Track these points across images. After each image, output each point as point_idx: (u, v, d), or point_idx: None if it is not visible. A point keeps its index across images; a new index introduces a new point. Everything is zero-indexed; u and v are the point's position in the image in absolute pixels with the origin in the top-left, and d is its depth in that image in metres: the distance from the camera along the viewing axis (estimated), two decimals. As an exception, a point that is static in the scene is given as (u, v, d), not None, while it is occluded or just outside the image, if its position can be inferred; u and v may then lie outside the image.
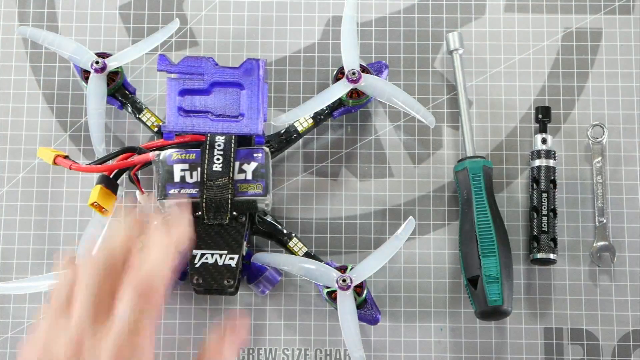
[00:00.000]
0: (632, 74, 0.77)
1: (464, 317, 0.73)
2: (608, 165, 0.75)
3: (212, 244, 0.66)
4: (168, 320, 0.73)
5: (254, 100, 0.69)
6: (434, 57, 0.77)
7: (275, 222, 0.71)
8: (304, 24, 0.78)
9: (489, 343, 0.72)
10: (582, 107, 0.76)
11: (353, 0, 0.73)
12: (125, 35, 0.77)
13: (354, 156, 0.75)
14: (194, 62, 0.70)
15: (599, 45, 0.77)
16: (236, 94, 0.70)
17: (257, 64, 0.70)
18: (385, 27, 0.77)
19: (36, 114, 0.76)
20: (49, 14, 0.77)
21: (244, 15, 0.78)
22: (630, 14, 0.78)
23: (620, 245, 0.73)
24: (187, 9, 0.78)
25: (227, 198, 0.65)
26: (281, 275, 0.70)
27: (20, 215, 0.74)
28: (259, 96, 0.69)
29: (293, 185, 0.74)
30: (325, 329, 0.72)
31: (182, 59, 0.70)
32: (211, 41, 0.77)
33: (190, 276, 0.66)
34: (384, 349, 0.72)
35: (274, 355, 0.72)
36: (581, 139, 0.75)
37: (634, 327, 0.72)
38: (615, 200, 0.74)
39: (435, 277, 0.73)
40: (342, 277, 0.67)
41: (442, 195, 0.75)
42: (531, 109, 0.76)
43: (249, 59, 0.70)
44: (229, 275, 0.66)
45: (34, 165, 0.75)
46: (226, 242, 0.66)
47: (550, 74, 0.77)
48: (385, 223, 0.74)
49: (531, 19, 0.78)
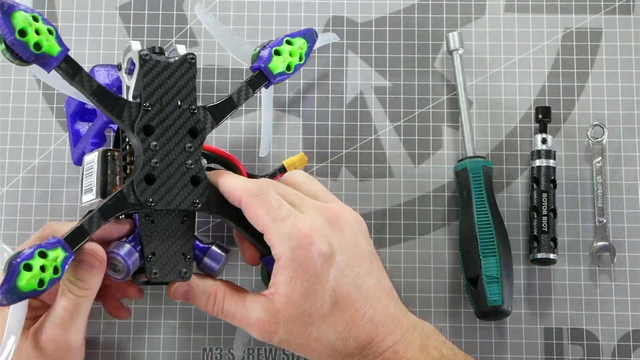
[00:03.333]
0: (632, 74, 0.77)
1: (464, 317, 0.73)
2: (608, 165, 0.75)
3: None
4: (168, 320, 0.73)
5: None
6: (434, 57, 0.77)
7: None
8: (304, 24, 0.78)
9: (489, 343, 0.72)
10: (582, 107, 0.76)
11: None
12: (125, 35, 0.77)
13: (354, 156, 0.75)
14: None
15: (599, 45, 0.77)
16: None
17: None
18: (385, 27, 0.77)
19: (36, 114, 0.76)
20: (49, 14, 0.77)
21: (244, 15, 0.78)
22: (630, 14, 0.78)
23: (620, 245, 0.73)
24: (187, 9, 0.78)
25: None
26: (227, 252, 0.67)
27: (20, 215, 0.74)
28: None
29: (293, 185, 0.74)
30: (325, 329, 0.72)
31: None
32: (211, 41, 0.77)
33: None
34: (384, 349, 0.72)
35: (274, 355, 0.72)
36: (581, 139, 0.75)
37: (634, 327, 0.72)
38: (615, 200, 0.74)
39: (435, 277, 0.73)
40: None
41: (442, 195, 0.75)
42: (531, 109, 0.76)
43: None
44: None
45: (34, 165, 0.75)
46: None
47: (550, 74, 0.77)
48: (385, 223, 0.74)
49: (531, 19, 0.78)
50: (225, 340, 0.72)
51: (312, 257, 0.59)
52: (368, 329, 0.60)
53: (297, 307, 0.59)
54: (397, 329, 0.61)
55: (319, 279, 0.59)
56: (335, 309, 0.59)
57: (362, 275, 0.61)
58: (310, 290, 0.59)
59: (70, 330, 0.61)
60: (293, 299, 0.59)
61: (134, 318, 0.72)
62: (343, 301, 0.60)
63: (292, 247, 0.59)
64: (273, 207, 0.60)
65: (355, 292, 0.60)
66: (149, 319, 0.73)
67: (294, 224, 0.60)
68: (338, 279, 0.60)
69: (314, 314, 0.59)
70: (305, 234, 0.59)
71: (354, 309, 0.60)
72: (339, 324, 0.60)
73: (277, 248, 0.60)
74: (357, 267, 0.61)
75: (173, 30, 0.77)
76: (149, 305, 0.73)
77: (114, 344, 0.72)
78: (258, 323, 0.60)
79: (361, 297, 0.60)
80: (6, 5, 0.57)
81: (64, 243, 0.58)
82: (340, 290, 0.60)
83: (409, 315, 0.62)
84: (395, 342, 0.60)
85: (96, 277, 0.61)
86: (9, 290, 0.55)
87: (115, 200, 0.61)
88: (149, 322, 0.73)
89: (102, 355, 0.72)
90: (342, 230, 0.62)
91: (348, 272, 0.60)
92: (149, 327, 0.73)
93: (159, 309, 0.73)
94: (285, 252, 0.59)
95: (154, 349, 0.72)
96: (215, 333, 0.72)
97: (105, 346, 0.72)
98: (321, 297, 0.59)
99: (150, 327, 0.73)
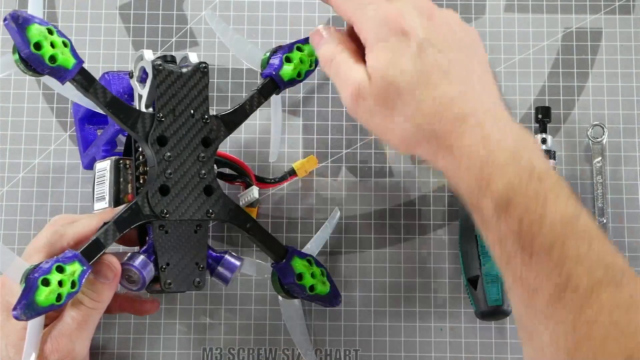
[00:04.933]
0: (632, 74, 0.77)
1: (464, 317, 0.73)
2: (608, 165, 0.75)
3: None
4: (168, 321, 0.73)
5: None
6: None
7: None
8: (304, 24, 0.78)
9: (489, 343, 0.72)
10: (582, 107, 0.76)
11: None
12: (125, 36, 0.77)
13: (354, 156, 0.75)
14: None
15: (599, 45, 0.77)
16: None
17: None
18: (385, 27, 0.77)
19: (36, 114, 0.76)
20: (49, 14, 0.77)
21: (244, 15, 0.78)
22: (630, 14, 0.78)
23: (620, 245, 0.73)
24: (187, 9, 0.78)
25: None
26: (241, 261, 0.67)
27: (20, 215, 0.74)
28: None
29: (293, 185, 0.74)
30: (325, 329, 0.72)
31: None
32: (211, 41, 0.77)
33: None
34: (384, 349, 0.72)
35: (274, 355, 0.72)
36: (581, 139, 0.75)
37: (634, 327, 0.72)
38: (615, 200, 0.74)
39: (435, 277, 0.73)
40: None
41: (442, 195, 0.75)
42: (531, 109, 0.76)
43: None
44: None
45: (34, 165, 0.75)
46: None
47: (550, 74, 0.77)
48: (385, 223, 0.74)
49: (531, 19, 0.78)
50: (225, 340, 0.72)
51: (399, 36, 0.56)
52: (456, 113, 0.55)
53: (386, 78, 0.56)
54: (490, 121, 0.54)
55: (404, 55, 0.56)
56: (422, 84, 0.56)
57: (455, 61, 0.57)
58: (399, 62, 0.56)
59: (77, 342, 0.61)
60: (382, 71, 0.56)
61: (134, 318, 0.72)
62: (431, 77, 0.56)
63: (378, 26, 0.57)
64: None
65: (447, 70, 0.56)
66: (149, 319, 0.73)
67: (379, 7, 0.58)
68: (425, 58, 0.56)
69: (402, 86, 0.55)
70: (393, 15, 0.57)
71: (442, 87, 0.55)
72: (425, 99, 0.55)
73: (363, 32, 0.58)
74: (452, 53, 0.57)
75: (173, 30, 0.77)
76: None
77: (114, 344, 0.72)
78: (354, 83, 0.57)
79: (454, 75, 0.56)
80: (21, 18, 0.57)
81: (80, 257, 0.59)
82: (430, 62, 0.56)
83: (508, 118, 0.56)
84: (485, 136, 0.54)
85: (109, 290, 0.61)
86: (28, 306, 0.55)
87: (130, 212, 0.62)
88: (149, 322, 0.73)
89: (102, 355, 0.72)
90: (434, 20, 0.58)
91: (439, 56, 0.57)
92: (149, 327, 0.73)
93: (159, 310, 0.73)
94: (370, 32, 0.57)
95: (154, 349, 0.72)
96: (215, 333, 0.72)
97: (105, 346, 0.72)
98: (409, 71, 0.56)
99: (150, 327, 0.73)
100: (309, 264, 0.67)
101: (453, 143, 0.54)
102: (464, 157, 0.54)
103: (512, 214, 0.52)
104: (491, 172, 0.53)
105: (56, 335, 0.61)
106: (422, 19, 0.57)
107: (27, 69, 0.59)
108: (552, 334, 0.51)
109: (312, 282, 0.67)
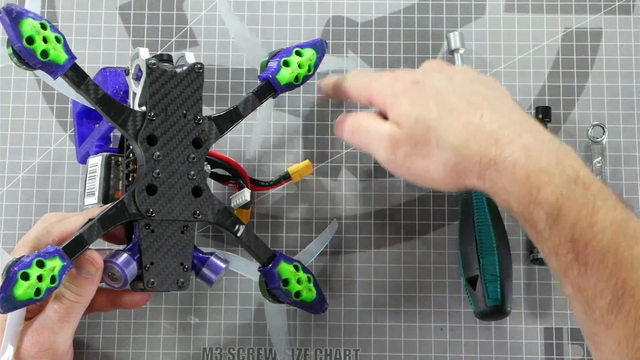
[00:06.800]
0: (632, 74, 0.77)
1: (464, 317, 0.73)
2: (608, 165, 0.75)
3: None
4: (168, 320, 0.73)
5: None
6: (434, 57, 0.77)
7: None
8: (304, 24, 0.78)
9: (489, 343, 0.72)
10: (582, 107, 0.76)
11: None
12: (125, 36, 0.77)
13: (354, 156, 0.75)
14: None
15: (599, 45, 0.77)
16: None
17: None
18: (385, 27, 0.77)
19: (36, 114, 0.76)
20: (49, 14, 0.77)
21: (244, 15, 0.78)
22: (630, 14, 0.78)
23: (620, 245, 0.73)
24: (187, 9, 0.78)
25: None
26: (227, 264, 0.67)
27: (20, 215, 0.74)
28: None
29: (293, 185, 0.74)
30: (325, 329, 0.72)
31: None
32: (211, 41, 0.77)
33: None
34: (384, 349, 0.72)
35: (274, 355, 0.72)
36: (581, 139, 0.75)
37: (634, 327, 0.72)
38: (615, 200, 0.74)
39: (435, 277, 0.73)
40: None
41: (442, 195, 0.75)
42: (531, 109, 0.76)
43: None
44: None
45: (34, 165, 0.75)
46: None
47: (550, 74, 0.77)
48: (385, 223, 0.74)
49: (531, 19, 0.78)
50: (225, 340, 0.72)
51: (415, 84, 0.61)
52: (489, 130, 0.56)
53: (412, 117, 0.59)
54: (527, 133, 0.55)
55: (424, 97, 0.60)
56: (448, 113, 0.58)
57: (479, 88, 0.60)
58: (420, 102, 0.60)
59: (58, 334, 0.61)
60: (407, 113, 0.60)
61: (134, 318, 0.72)
62: (456, 107, 0.58)
63: (393, 84, 0.62)
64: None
65: (469, 99, 0.58)
66: (149, 319, 0.73)
67: (392, 72, 0.65)
68: (445, 94, 0.60)
69: (429, 120, 0.58)
70: (407, 73, 0.64)
71: (470, 112, 0.57)
72: (456, 125, 0.57)
73: (382, 95, 0.63)
74: (473, 86, 0.60)
75: (173, 30, 0.77)
76: (149, 305, 0.73)
77: (114, 344, 0.72)
78: (385, 134, 0.60)
79: (478, 102, 0.58)
80: (15, 12, 0.57)
81: (62, 252, 0.58)
82: (450, 97, 0.59)
83: (544, 130, 0.57)
84: (525, 145, 0.54)
85: (91, 284, 0.61)
86: (6, 299, 0.55)
87: (116, 210, 0.61)
88: (149, 322, 0.73)
89: (102, 355, 0.72)
90: (445, 72, 0.63)
91: (458, 91, 0.60)
92: (149, 327, 0.73)
93: (159, 309, 0.73)
94: (388, 91, 0.62)
95: (154, 349, 0.72)
96: (215, 333, 0.72)
97: (105, 346, 0.72)
98: (432, 107, 0.59)
99: (150, 327, 0.73)
100: (296, 269, 0.67)
101: (495, 157, 0.55)
102: (508, 168, 0.54)
103: (564, 223, 0.52)
104: (539, 181, 0.53)
105: (37, 328, 0.61)
106: (433, 72, 0.62)
107: (20, 63, 0.59)
108: (614, 342, 0.51)
109: (298, 288, 0.67)
